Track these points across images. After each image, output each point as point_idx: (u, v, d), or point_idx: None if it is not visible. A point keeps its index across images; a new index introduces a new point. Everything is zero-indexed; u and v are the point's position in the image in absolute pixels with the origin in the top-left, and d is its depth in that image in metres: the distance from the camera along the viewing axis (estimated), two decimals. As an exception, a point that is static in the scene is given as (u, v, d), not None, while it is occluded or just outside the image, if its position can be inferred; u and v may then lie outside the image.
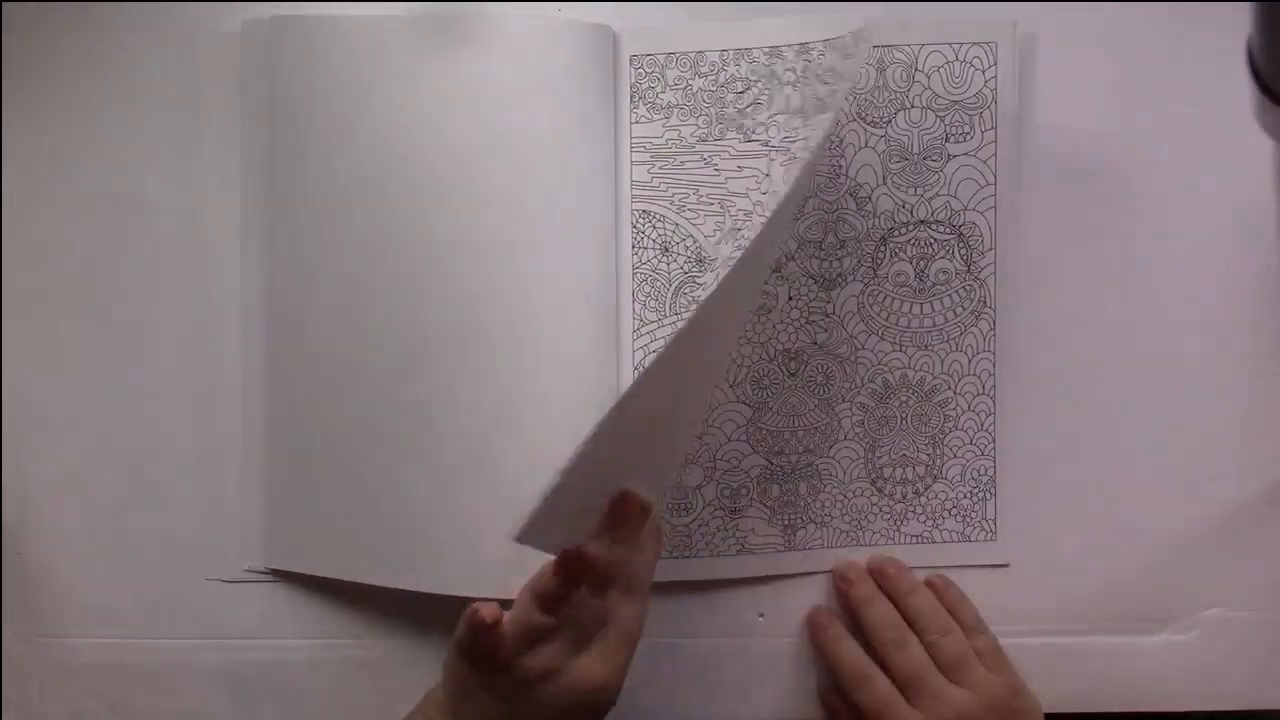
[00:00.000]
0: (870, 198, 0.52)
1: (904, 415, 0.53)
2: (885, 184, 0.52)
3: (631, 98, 0.51)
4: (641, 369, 0.51)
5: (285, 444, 0.52)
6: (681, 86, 0.51)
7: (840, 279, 0.52)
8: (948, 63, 0.51)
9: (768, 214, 0.43)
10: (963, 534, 0.53)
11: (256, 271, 0.52)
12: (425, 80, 0.50)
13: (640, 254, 0.52)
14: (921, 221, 0.52)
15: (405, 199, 0.50)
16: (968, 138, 0.51)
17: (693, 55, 0.51)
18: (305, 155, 0.51)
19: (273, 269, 0.52)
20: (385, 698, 0.48)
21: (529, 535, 0.40)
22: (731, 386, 0.52)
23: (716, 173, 0.52)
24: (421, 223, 0.50)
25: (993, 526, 0.53)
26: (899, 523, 0.53)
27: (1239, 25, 0.41)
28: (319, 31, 0.50)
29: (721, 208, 0.52)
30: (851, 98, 0.51)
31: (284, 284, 0.52)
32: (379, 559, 0.51)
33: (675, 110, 0.51)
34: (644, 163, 0.52)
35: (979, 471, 0.53)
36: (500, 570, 0.49)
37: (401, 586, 0.50)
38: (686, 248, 0.52)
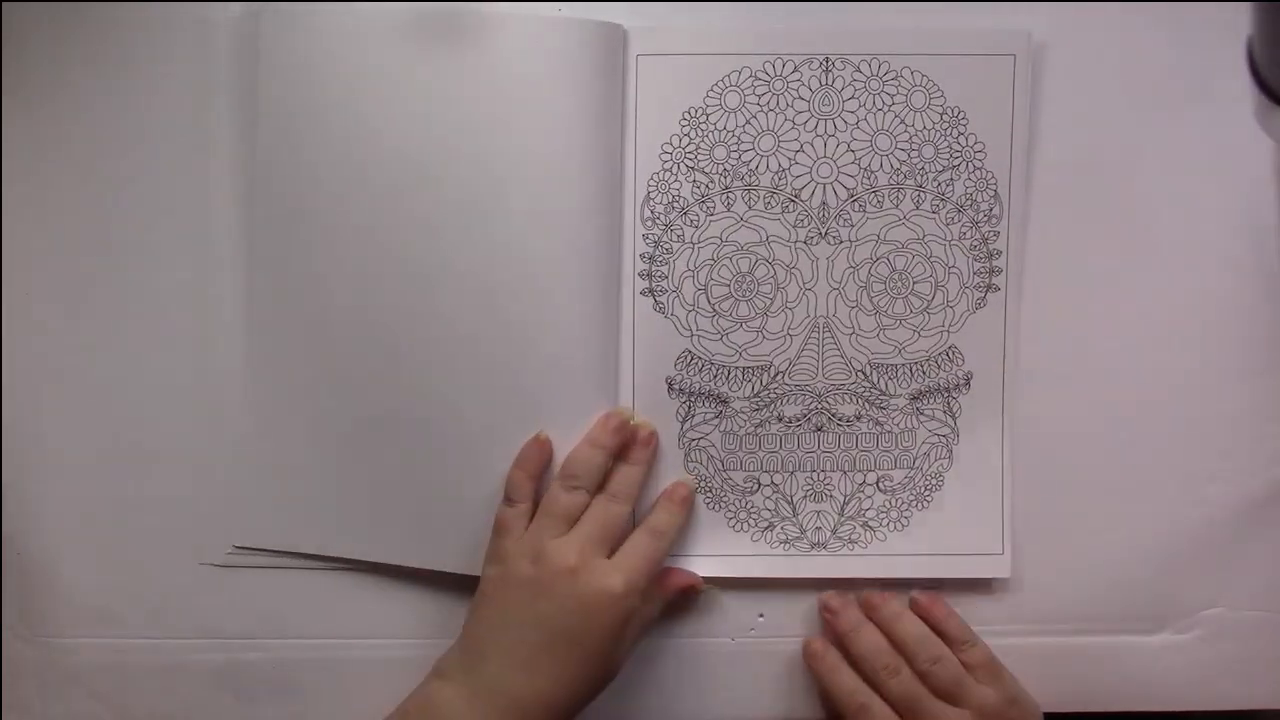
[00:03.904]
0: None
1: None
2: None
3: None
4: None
5: (284, 443, 0.52)
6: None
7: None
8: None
9: None
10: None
11: (255, 267, 0.52)
12: (427, 78, 0.50)
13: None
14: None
15: (404, 196, 0.50)
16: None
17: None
18: (305, 151, 0.51)
19: (270, 263, 0.52)
20: (385, 698, 0.48)
21: None
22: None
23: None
24: (420, 219, 0.50)
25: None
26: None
27: (1239, 26, 0.41)
28: (319, 28, 0.50)
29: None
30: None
31: (282, 279, 0.52)
32: (370, 537, 0.52)
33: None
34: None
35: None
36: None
37: (392, 561, 0.52)
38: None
